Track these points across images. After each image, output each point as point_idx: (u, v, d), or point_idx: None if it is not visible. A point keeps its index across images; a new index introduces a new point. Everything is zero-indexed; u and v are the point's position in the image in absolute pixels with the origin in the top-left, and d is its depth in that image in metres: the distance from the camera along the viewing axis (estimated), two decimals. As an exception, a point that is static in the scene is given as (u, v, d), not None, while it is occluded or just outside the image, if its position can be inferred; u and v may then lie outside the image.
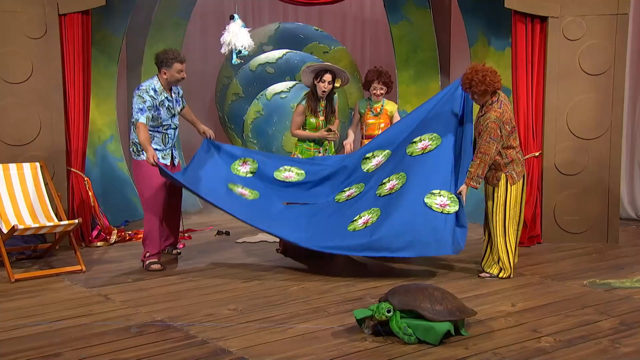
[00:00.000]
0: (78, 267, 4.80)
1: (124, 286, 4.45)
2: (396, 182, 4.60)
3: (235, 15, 5.95)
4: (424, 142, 4.71)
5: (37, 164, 5.17)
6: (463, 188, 4.50)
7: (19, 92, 5.37)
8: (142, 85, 4.89)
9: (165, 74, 4.86)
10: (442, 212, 4.38)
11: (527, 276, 4.68)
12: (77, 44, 5.49)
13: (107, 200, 6.44)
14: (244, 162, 5.11)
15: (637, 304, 4.00)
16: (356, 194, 4.84)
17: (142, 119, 4.78)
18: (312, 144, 5.31)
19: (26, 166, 5.10)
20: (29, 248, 5.18)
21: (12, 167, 5.04)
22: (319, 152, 5.33)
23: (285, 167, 5.15)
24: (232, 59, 5.98)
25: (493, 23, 6.44)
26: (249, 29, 6.00)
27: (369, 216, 4.51)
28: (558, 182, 5.75)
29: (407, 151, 4.77)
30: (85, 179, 5.70)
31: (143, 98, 4.80)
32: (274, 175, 5.10)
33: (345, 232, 4.49)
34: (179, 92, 5.12)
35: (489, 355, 3.16)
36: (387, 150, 4.95)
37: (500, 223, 4.56)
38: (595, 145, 5.72)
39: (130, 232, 6.06)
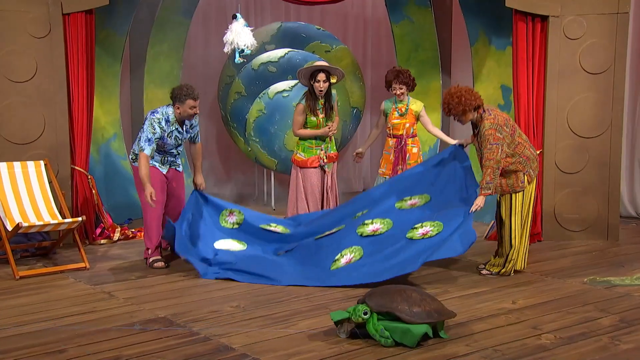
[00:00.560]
0: (82, 265, 4.81)
1: (128, 283, 4.46)
2: (380, 226, 4.64)
3: (238, 15, 5.95)
4: (414, 200, 4.79)
5: (42, 162, 5.18)
6: (479, 200, 4.43)
7: (23, 91, 5.38)
8: (157, 112, 4.87)
9: (178, 108, 4.85)
10: (422, 239, 4.45)
11: (527, 274, 4.68)
12: (80, 43, 5.50)
13: (111, 198, 6.44)
14: (231, 213, 5.18)
15: (637, 302, 4.00)
16: (335, 231, 4.82)
17: (147, 150, 4.76)
18: (314, 141, 5.34)
19: (30, 164, 5.11)
20: (34, 245, 5.19)
21: (17, 165, 5.05)
22: (321, 150, 5.35)
23: (272, 224, 5.19)
24: (234, 58, 5.99)
25: (494, 22, 6.43)
26: (252, 28, 6.00)
27: (351, 255, 4.54)
28: (558, 180, 5.75)
29: (395, 205, 4.81)
30: (89, 177, 5.71)
31: (154, 128, 4.79)
32: (260, 226, 5.15)
33: (328, 271, 4.49)
34: (191, 125, 5.09)
35: (490, 352, 3.17)
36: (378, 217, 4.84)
37: (519, 222, 4.54)
38: (595, 144, 5.71)
39: (133, 230, 6.06)
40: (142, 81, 7.24)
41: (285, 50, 7.43)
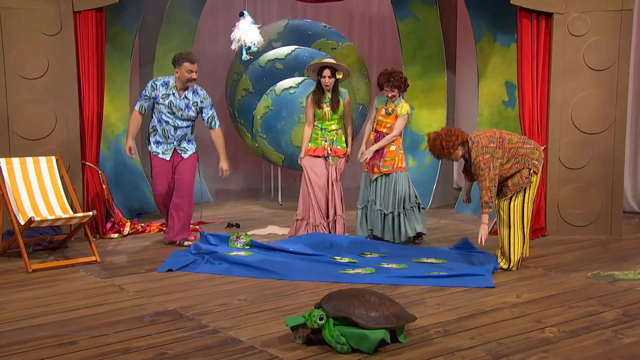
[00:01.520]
0: (93, 258, 4.83)
1: (137, 277, 4.47)
2: (395, 266, 4.67)
3: (245, 13, 5.96)
4: (430, 259, 4.87)
5: (53, 157, 5.19)
6: (484, 219, 4.46)
7: (35, 88, 5.39)
8: (159, 77, 5.33)
9: (177, 72, 5.14)
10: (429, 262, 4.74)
11: (531, 268, 4.67)
12: (91, 41, 5.50)
13: (120, 193, 6.46)
14: (238, 238, 5.25)
15: (640, 296, 3.99)
16: (354, 261, 4.83)
17: (137, 107, 5.33)
18: (319, 132, 5.57)
19: (42, 160, 5.12)
20: (46, 239, 5.21)
21: (29, 160, 5.07)
22: (326, 142, 5.54)
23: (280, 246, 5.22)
24: (242, 55, 6.00)
25: (498, 19, 6.40)
26: (259, 26, 6.01)
27: (362, 270, 4.56)
28: (562, 176, 5.72)
29: (412, 260, 4.87)
30: (100, 172, 5.72)
31: (147, 87, 5.26)
32: (267, 244, 5.23)
33: (336, 273, 4.50)
34: (197, 103, 5.30)
35: (494, 345, 3.16)
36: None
37: (519, 215, 4.53)
38: (599, 140, 5.68)
39: (142, 225, 6.08)
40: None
41: (292, 47, 7.41)
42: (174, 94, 5.18)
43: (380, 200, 5.42)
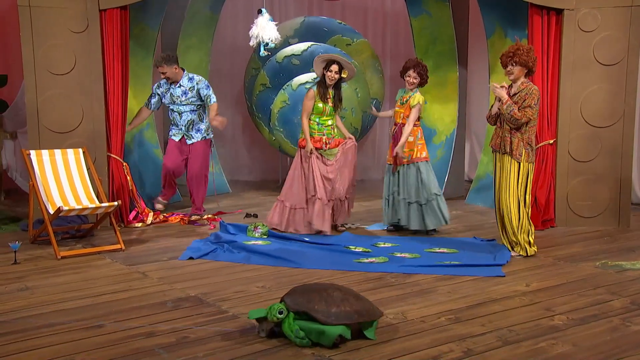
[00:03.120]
0: (118, 246, 4.87)
1: (160, 264, 4.50)
2: (408, 255, 4.66)
3: (263, 10, 5.93)
4: (442, 249, 4.85)
5: (80, 150, 5.23)
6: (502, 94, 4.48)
7: (63, 83, 5.43)
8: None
9: None
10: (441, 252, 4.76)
11: (541, 258, 4.63)
12: (116, 38, 5.52)
13: (143, 184, 6.50)
14: (256, 227, 5.26)
15: (647, 285, 3.94)
16: (368, 251, 4.83)
17: (145, 102, 6.20)
18: (316, 127, 5.44)
19: (70, 152, 5.17)
20: (73, 228, 5.26)
21: (58, 152, 5.12)
22: (323, 135, 5.44)
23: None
24: (260, 51, 5.97)
25: (510, 15, 6.32)
26: (276, 23, 5.98)
27: (375, 259, 4.55)
28: (572, 168, 5.66)
29: (424, 249, 4.85)
30: (124, 164, 5.76)
31: (154, 85, 6.15)
32: (283, 234, 5.27)
33: (350, 262, 4.50)
34: (193, 88, 5.99)
35: (505, 332, 3.14)
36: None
37: (514, 198, 4.52)
38: (607, 133, 5.61)
39: (165, 214, 6.12)
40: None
41: (308, 43, 7.39)
42: (170, 88, 6.01)
43: (404, 190, 5.37)
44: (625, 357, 2.86)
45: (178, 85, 5.96)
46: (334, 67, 5.32)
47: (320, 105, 5.40)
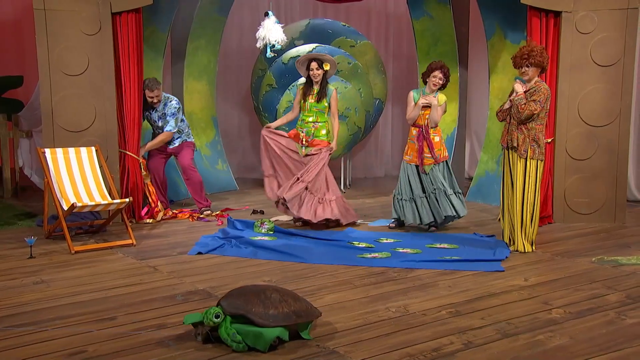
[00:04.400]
0: (129, 241, 4.88)
1: (170, 259, 4.52)
2: (410, 251, 4.65)
3: (270, 12, 5.92)
4: (443, 244, 4.85)
5: (93, 148, 5.25)
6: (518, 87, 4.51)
7: (77, 84, 5.45)
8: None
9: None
10: (442, 247, 4.75)
11: (538, 253, 4.62)
12: (131, 40, 5.52)
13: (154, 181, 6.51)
14: (262, 223, 5.28)
15: (642, 280, 3.93)
16: (371, 246, 4.82)
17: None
18: (299, 122, 5.57)
19: (83, 150, 5.18)
20: (86, 224, 5.28)
21: (71, 151, 5.14)
22: (302, 132, 5.50)
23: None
24: (266, 52, 5.97)
25: (509, 17, 6.30)
26: (282, 25, 5.97)
27: (378, 254, 4.55)
28: (569, 166, 5.65)
29: (426, 245, 4.84)
30: (141, 160, 5.77)
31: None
32: (289, 229, 5.27)
33: (354, 257, 4.49)
34: (163, 113, 5.97)
35: (503, 325, 3.14)
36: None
37: (521, 198, 4.53)
38: (604, 132, 5.59)
39: (174, 211, 6.13)
40: (182, 74, 7.29)
41: (313, 45, 7.38)
42: (149, 112, 6.02)
43: (436, 182, 5.29)
44: (620, 349, 2.85)
45: (154, 110, 5.99)
46: (314, 65, 5.43)
47: (302, 102, 5.53)
